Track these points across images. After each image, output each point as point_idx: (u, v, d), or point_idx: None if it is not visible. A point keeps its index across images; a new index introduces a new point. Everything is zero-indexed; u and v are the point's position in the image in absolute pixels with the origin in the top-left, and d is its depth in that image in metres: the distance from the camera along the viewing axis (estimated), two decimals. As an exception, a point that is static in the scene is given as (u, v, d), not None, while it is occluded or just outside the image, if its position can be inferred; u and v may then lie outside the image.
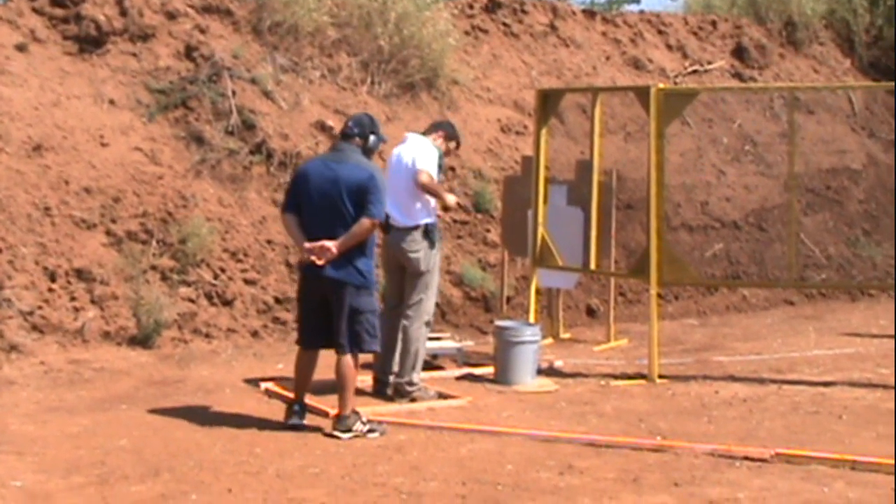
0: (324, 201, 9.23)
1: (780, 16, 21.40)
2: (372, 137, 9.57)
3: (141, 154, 13.69)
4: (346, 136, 9.56)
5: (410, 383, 10.59)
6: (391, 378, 10.72)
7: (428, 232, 10.61)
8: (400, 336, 10.64)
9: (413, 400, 10.51)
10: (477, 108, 16.90)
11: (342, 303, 9.21)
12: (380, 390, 10.75)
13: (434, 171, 10.68)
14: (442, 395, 10.72)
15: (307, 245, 9.21)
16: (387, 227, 10.44)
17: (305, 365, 9.53)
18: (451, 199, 11.11)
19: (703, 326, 15.26)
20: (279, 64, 15.29)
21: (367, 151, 9.55)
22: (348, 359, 9.26)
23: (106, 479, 8.03)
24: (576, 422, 9.86)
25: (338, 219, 9.19)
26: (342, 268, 9.18)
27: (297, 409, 9.48)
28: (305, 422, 9.46)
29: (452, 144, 11.32)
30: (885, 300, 17.19)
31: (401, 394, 10.58)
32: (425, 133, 11.14)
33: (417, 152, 10.69)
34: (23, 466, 8.30)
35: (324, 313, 9.32)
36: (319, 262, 9.15)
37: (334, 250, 9.13)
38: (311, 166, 9.59)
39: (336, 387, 9.33)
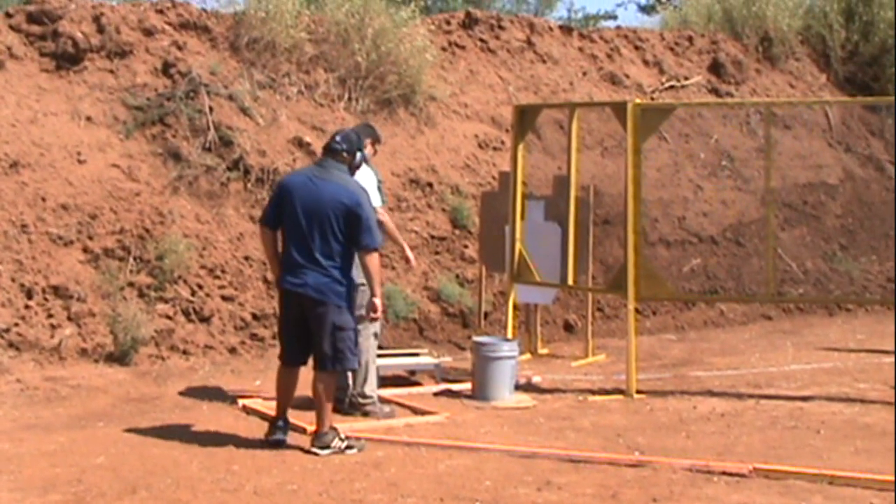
0: (310, 219, 9.14)
1: (756, 31, 21.47)
2: (358, 155, 9.53)
3: (118, 171, 13.67)
4: (332, 151, 9.42)
5: (363, 395, 10.59)
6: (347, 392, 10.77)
7: None
8: None
9: (366, 414, 10.51)
10: (454, 123, 16.92)
11: (323, 321, 9.17)
12: (336, 405, 10.72)
13: (378, 200, 10.63)
14: (417, 411, 10.70)
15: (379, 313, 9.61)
16: None
17: (287, 381, 9.49)
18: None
19: (681, 341, 15.27)
20: (256, 80, 15.29)
21: (353, 169, 9.50)
22: (326, 376, 9.25)
23: (83, 497, 8.00)
24: (554, 437, 9.86)
25: (325, 237, 9.13)
26: (323, 286, 9.15)
27: (280, 424, 9.44)
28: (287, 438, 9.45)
29: (378, 146, 11.30)
30: (862, 315, 17.27)
31: (354, 406, 10.59)
32: None
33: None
34: (-1, 485, 8.28)
35: (304, 330, 9.28)
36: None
37: (379, 303, 9.48)
38: (296, 180, 9.44)
39: (313, 403, 9.32)
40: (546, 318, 14.77)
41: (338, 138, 9.50)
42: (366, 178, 10.58)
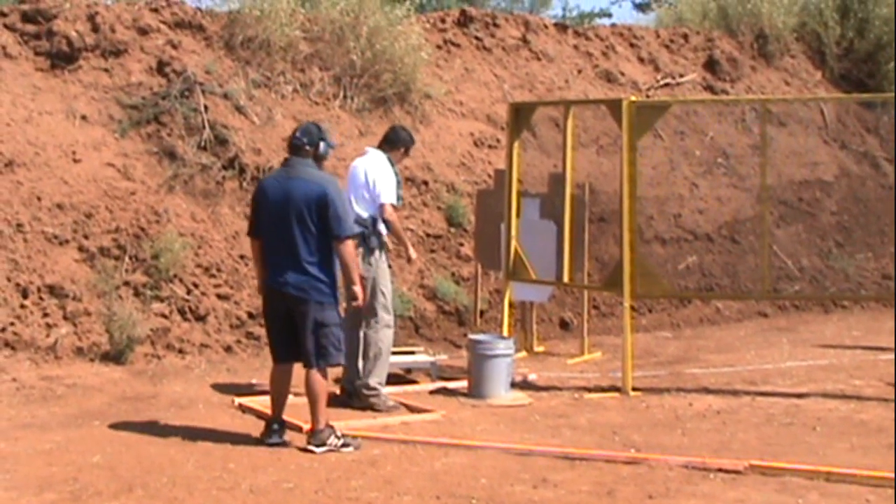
0: (285, 219, 9.19)
1: (751, 28, 21.47)
2: (321, 144, 9.47)
3: (113, 170, 13.66)
4: (294, 147, 9.44)
5: (367, 387, 10.64)
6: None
7: (364, 238, 10.60)
8: (361, 342, 10.66)
9: (369, 406, 10.57)
10: (449, 121, 16.91)
11: (306, 318, 9.20)
12: (346, 400, 10.74)
13: (394, 198, 10.77)
14: (413, 409, 10.71)
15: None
16: None
17: (280, 380, 9.49)
18: (412, 253, 11.49)
19: (677, 339, 15.27)
20: (251, 79, 15.28)
21: (318, 159, 9.49)
22: (317, 373, 9.24)
23: (79, 495, 7.99)
24: (550, 435, 9.86)
25: (302, 235, 9.16)
26: (304, 283, 9.18)
27: (276, 427, 9.43)
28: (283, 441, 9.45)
29: (398, 149, 11.35)
30: (857, 312, 17.28)
31: (358, 397, 10.65)
32: (383, 147, 11.14)
33: (377, 173, 10.74)
34: (-5, 484, 8.27)
35: (290, 327, 9.31)
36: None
37: (358, 290, 9.47)
38: (267, 183, 9.53)
39: (308, 401, 9.32)
40: (542, 316, 14.77)
41: (298, 134, 9.51)
42: (387, 176, 10.69)
